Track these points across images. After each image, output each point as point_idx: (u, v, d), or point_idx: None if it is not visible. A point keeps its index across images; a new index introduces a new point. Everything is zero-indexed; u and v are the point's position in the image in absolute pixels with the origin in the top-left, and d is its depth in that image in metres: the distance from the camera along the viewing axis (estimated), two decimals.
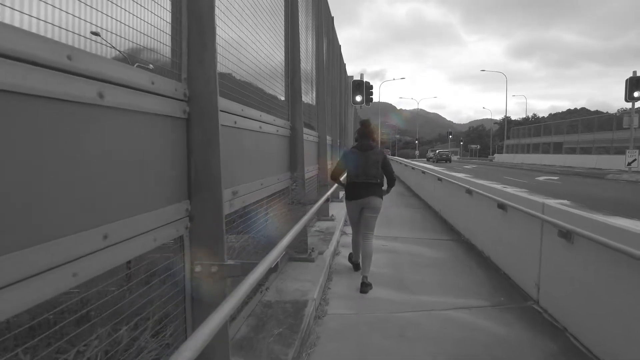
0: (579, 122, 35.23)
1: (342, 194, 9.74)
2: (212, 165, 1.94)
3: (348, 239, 5.94)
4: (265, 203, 3.56)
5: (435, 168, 10.46)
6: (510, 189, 4.82)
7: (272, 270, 1.87)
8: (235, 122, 2.55)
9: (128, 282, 1.83)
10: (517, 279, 4.20)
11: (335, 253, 5.16)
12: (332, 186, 6.92)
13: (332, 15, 9.56)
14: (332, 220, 6.64)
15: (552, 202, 3.62)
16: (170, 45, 1.85)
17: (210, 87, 1.94)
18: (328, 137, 7.75)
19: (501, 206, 4.63)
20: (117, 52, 1.59)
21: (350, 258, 4.71)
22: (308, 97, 6.10)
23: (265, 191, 3.27)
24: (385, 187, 4.32)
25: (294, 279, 3.73)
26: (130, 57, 1.68)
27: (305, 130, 5.37)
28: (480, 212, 5.52)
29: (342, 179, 4.52)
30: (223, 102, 2.35)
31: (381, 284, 4.17)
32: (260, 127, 3.12)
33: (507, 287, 4.16)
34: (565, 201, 3.73)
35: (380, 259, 5.06)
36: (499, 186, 5.17)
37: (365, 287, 3.91)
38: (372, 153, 4.17)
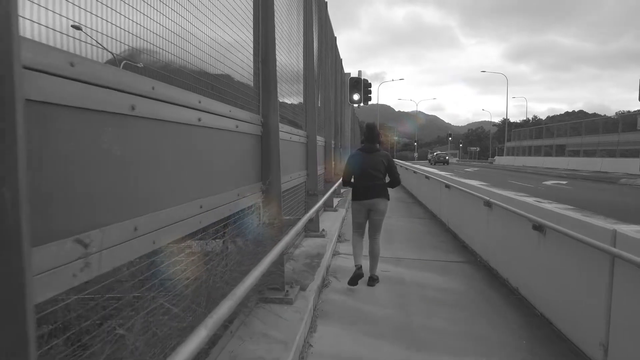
0: (582, 124, 34.18)
1: (336, 202, 8.67)
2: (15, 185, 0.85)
3: (341, 262, 4.86)
4: (218, 231, 2.48)
5: (441, 173, 9.37)
6: (548, 204, 3.76)
7: None
8: (134, 108, 1.46)
9: None
10: (567, 330, 3.12)
11: (324, 284, 4.07)
12: (323, 195, 5.84)
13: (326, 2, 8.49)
14: (323, 236, 5.53)
15: (627, 229, 2.53)
16: None
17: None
18: (319, 138, 6.65)
19: (538, 227, 3.56)
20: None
21: (349, 281, 4.07)
22: (293, 88, 5.01)
23: (211, 215, 2.18)
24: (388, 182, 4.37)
25: (260, 335, 2.64)
26: None
27: (288, 128, 4.29)
28: (505, 230, 4.44)
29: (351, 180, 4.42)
30: (105, 71, 1.27)
31: (383, 335, 3.08)
32: (199, 120, 2.04)
33: (553, 341, 3.07)
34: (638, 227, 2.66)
35: (382, 292, 3.99)
36: (531, 199, 4.09)
37: (372, 281, 4.19)
38: (377, 155, 4.25)
